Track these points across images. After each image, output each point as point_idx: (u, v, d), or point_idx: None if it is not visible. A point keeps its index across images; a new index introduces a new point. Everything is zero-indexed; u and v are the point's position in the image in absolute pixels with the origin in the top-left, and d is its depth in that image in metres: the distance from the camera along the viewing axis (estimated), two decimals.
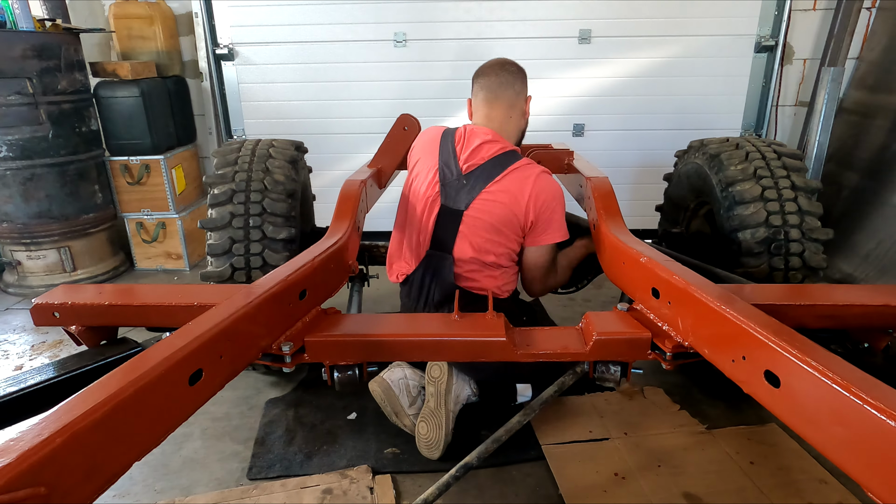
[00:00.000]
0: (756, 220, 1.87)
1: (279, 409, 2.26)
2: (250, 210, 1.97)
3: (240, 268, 1.92)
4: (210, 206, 2.01)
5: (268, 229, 1.94)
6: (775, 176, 1.94)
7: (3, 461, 0.67)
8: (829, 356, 0.89)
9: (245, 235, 1.93)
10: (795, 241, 1.85)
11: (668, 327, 1.30)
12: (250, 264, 1.91)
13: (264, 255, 1.92)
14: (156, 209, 3.78)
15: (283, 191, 2.05)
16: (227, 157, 2.14)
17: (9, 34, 3.12)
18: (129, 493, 1.86)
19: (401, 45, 3.94)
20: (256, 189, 2.02)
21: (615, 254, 1.62)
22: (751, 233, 1.87)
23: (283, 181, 2.08)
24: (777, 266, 1.85)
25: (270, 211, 1.97)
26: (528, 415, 1.59)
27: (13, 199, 3.31)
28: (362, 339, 1.31)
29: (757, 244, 1.86)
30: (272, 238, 1.94)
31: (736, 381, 1.07)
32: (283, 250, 1.95)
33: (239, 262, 1.92)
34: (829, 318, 1.28)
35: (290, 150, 2.28)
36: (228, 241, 1.93)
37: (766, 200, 1.89)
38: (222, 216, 1.96)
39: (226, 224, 1.95)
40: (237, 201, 1.99)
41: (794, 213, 1.87)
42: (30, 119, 3.22)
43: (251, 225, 1.94)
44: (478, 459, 1.53)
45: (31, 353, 2.82)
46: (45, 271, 3.53)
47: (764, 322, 1.01)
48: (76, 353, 1.30)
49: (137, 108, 3.58)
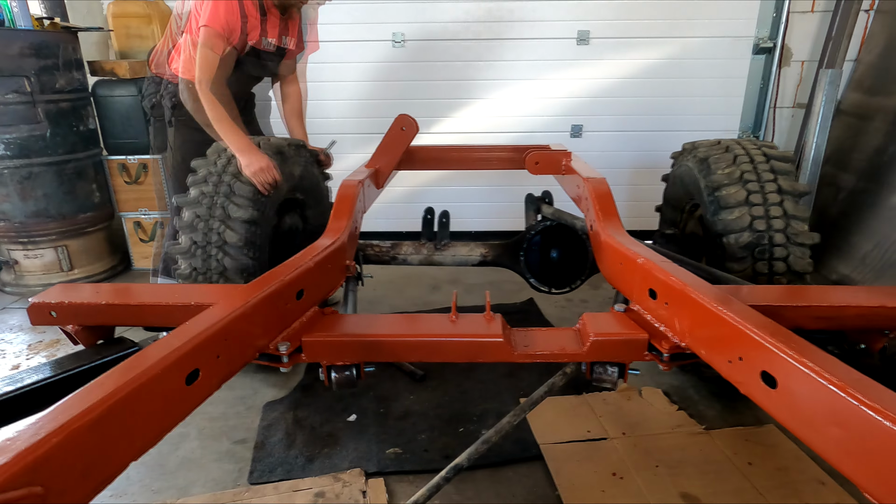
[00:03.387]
0: (740, 224, 1.87)
1: (278, 412, 2.25)
2: (219, 190, 2.03)
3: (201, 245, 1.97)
4: (189, 185, 2.08)
5: (230, 209, 1.98)
6: (762, 180, 1.94)
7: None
8: (826, 357, 0.89)
9: (209, 214, 1.98)
10: (780, 246, 1.84)
11: (665, 328, 1.31)
12: (209, 240, 1.96)
13: (224, 234, 1.96)
14: (153, 208, 3.78)
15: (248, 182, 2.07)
16: (220, 145, 2.19)
17: (7, 32, 3.12)
18: (125, 492, 1.85)
19: (399, 46, 3.94)
20: (232, 172, 2.07)
21: (612, 255, 1.62)
22: (735, 237, 1.87)
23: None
24: (761, 270, 1.84)
25: (238, 193, 2.01)
26: (518, 416, 1.59)
27: (10, 197, 3.30)
28: (359, 339, 1.31)
29: (741, 248, 1.86)
30: (233, 218, 1.98)
31: (733, 381, 1.07)
32: (242, 230, 1.97)
33: (199, 237, 1.97)
34: (825, 319, 1.29)
35: (283, 143, 2.28)
36: (194, 217, 1.98)
37: (750, 205, 1.89)
38: (195, 196, 2.03)
39: (195, 202, 2.01)
40: (211, 182, 2.05)
41: (778, 218, 1.87)
42: (28, 117, 3.21)
43: (216, 204, 2.00)
44: (468, 460, 1.52)
45: (27, 353, 2.81)
46: (42, 270, 3.52)
47: (760, 323, 1.02)
48: (73, 353, 1.30)
49: (135, 107, 3.57)
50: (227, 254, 1.93)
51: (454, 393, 2.34)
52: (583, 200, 2.08)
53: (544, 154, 2.63)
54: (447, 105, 4.08)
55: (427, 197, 4.27)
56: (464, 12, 3.85)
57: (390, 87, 4.04)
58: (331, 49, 3.95)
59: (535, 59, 3.95)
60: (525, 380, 2.41)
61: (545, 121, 4.09)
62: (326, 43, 3.93)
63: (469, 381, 2.41)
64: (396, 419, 2.19)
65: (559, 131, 4.11)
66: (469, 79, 4.00)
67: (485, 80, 4.01)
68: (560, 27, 3.88)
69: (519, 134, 4.07)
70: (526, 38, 3.90)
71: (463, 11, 3.85)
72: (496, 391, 2.34)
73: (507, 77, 4.00)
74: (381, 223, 4.31)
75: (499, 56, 3.95)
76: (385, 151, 2.33)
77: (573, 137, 4.14)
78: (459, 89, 4.04)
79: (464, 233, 4.25)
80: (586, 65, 3.96)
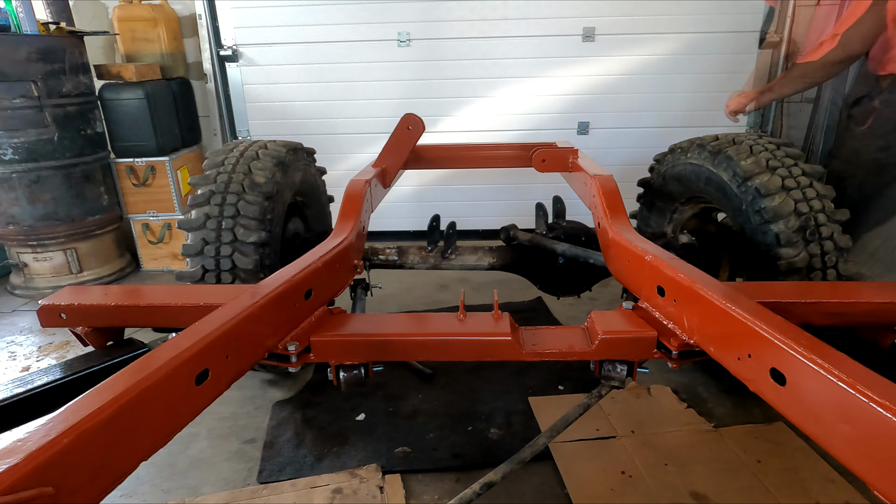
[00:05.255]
0: (786, 209, 1.85)
1: (287, 411, 2.26)
2: (224, 212, 1.92)
3: (210, 269, 1.88)
4: (189, 207, 1.99)
5: (239, 231, 1.89)
6: (786, 165, 1.94)
7: (10, 461, 0.68)
8: (836, 354, 0.88)
9: (217, 237, 1.89)
10: (824, 225, 1.85)
11: (674, 325, 1.30)
12: (220, 266, 1.88)
13: (234, 257, 1.88)
14: (161, 210, 3.80)
15: (260, 193, 1.98)
16: (216, 159, 2.10)
17: (14, 38, 3.14)
18: (136, 492, 1.87)
19: (404, 45, 3.94)
20: (234, 191, 1.96)
21: (620, 252, 1.61)
22: (783, 223, 1.85)
23: (262, 183, 2.00)
24: (814, 252, 1.83)
25: (244, 213, 1.91)
26: (552, 435, 1.61)
27: (19, 201, 3.33)
28: (367, 338, 1.31)
29: (794, 233, 1.84)
30: (242, 241, 1.88)
31: (742, 379, 1.07)
32: (253, 253, 1.89)
33: (210, 263, 1.88)
34: (835, 315, 1.28)
35: (282, 151, 2.20)
36: (201, 242, 1.89)
37: (788, 189, 1.89)
38: (198, 217, 1.92)
39: (200, 225, 1.91)
40: (214, 202, 1.94)
41: (815, 199, 1.87)
42: (35, 122, 3.24)
43: (223, 227, 1.89)
44: (502, 477, 1.55)
45: (38, 355, 2.83)
46: (51, 273, 3.55)
47: (769, 319, 1.01)
48: (83, 355, 1.31)
49: (142, 109, 3.60)
50: (238, 277, 1.88)
51: (463, 391, 2.34)
52: (590, 198, 2.07)
53: (551, 151, 2.63)
54: (453, 104, 4.08)
55: (434, 196, 4.28)
56: (469, 10, 3.84)
57: (396, 87, 4.04)
58: (336, 49, 3.97)
59: (540, 56, 3.94)
60: (534, 378, 2.41)
61: (552, 118, 4.09)
62: (332, 43, 3.96)
63: (478, 380, 2.41)
64: (405, 418, 2.19)
65: (566, 128, 4.10)
66: (475, 77, 4.00)
67: (491, 77, 4.01)
68: (566, 24, 3.87)
69: (525, 132, 4.07)
70: (532, 35, 3.90)
71: (468, 9, 3.84)
72: (505, 390, 2.34)
73: (513, 75, 4.00)
74: (389, 222, 4.31)
75: (505, 54, 3.95)
76: (391, 151, 2.33)
77: (580, 134, 4.14)
78: (466, 87, 4.04)
79: (472, 231, 4.25)
80: (592, 62, 3.95)
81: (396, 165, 2.34)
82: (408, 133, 2.29)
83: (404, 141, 2.31)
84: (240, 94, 4.14)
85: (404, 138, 2.31)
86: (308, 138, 2.83)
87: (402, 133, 2.30)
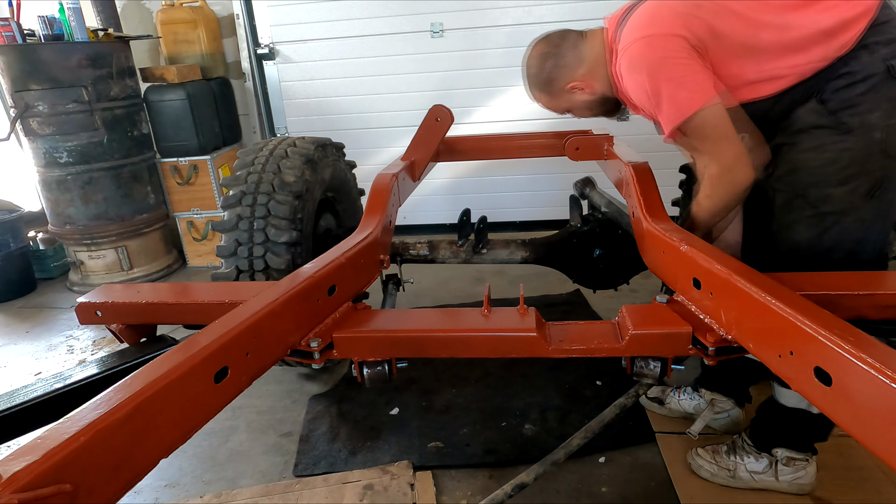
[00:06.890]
0: None
1: (322, 405, 2.28)
2: (255, 213, 1.92)
3: (244, 270, 1.89)
4: (222, 208, 2.01)
5: (270, 232, 1.89)
6: None
7: (29, 459, 0.69)
8: (888, 351, 0.81)
9: (249, 238, 1.89)
10: None
11: (711, 320, 1.23)
12: (254, 267, 1.88)
13: (266, 257, 1.88)
14: (205, 208, 3.91)
15: (290, 192, 1.96)
16: (246, 159, 2.09)
17: (67, 46, 3.28)
18: (178, 483, 1.93)
19: (437, 36, 3.91)
20: (264, 191, 1.95)
21: (654, 243, 1.54)
22: None
23: (291, 182, 1.99)
24: None
25: (274, 213, 1.91)
26: (587, 436, 1.57)
27: (74, 202, 3.49)
28: (390, 334, 1.29)
29: None
30: (274, 241, 1.88)
31: (783, 377, 0.99)
32: (285, 253, 1.89)
33: (243, 264, 1.89)
34: (891, 307, 1.18)
35: (310, 148, 2.18)
36: (234, 243, 1.91)
37: None
38: (231, 219, 1.94)
39: (233, 227, 1.92)
40: (245, 203, 1.94)
41: None
42: (86, 125, 3.38)
43: (255, 227, 1.90)
44: (534, 479, 1.54)
45: (92, 349, 2.97)
46: (105, 270, 3.71)
47: (813, 314, 0.93)
48: (117, 351, 1.35)
49: (184, 110, 3.70)
50: (272, 277, 1.88)
51: (497, 386, 2.31)
52: (625, 186, 1.99)
53: (585, 139, 2.54)
54: (487, 94, 4.02)
55: (467, 188, 4.23)
56: None
57: (430, 79, 4.01)
58: (369, 43, 3.97)
59: None
60: (571, 373, 2.35)
61: None
62: (365, 37, 3.96)
63: (512, 375, 2.37)
64: (438, 413, 2.18)
65: None
66: (508, 66, 3.91)
67: None
68: (607, 7, 3.72)
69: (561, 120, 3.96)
70: (567, 20, 3.78)
71: None
72: (540, 385, 2.29)
73: None
74: (425, 216, 4.30)
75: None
76: (420, 143, 2.30)
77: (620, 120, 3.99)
78: (500, 77, 3.97)
79: (507, 223, 4.19)
80: None
81: (426, 158, 2.31)
82: (436, 125, 2.25)
83: (433, 133, 2.28)
84: (277, 91, 4.21)
85: (433, 130, 2.27)
86: (343, 133, 2.85)
87: (430, 125, 2.26)
